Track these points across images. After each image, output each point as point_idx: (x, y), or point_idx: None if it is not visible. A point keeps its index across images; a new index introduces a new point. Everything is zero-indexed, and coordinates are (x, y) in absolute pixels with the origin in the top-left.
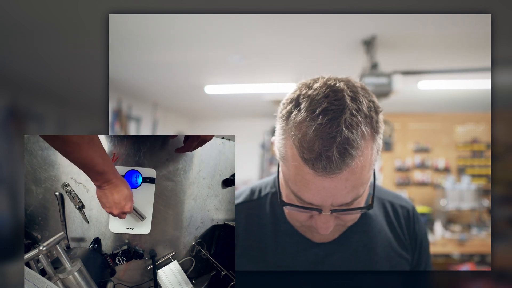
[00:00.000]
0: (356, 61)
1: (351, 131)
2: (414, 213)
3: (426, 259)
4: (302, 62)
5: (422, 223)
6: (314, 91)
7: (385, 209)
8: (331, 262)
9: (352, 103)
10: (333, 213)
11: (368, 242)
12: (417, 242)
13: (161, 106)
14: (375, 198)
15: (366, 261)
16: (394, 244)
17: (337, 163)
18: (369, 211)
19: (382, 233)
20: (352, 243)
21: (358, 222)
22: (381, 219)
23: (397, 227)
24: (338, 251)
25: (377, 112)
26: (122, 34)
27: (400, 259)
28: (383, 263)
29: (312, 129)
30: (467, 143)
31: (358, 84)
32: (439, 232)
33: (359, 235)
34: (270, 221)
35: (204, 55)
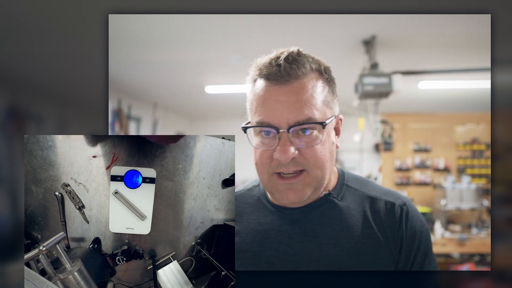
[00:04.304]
0: (356, 61)
1: (297, 57)
2: (403, 210)
3: (422, 259)
4: None
5: (417, 220)
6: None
7: (362, 204)
8: (294, 250)
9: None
10: (290, 132)
11: (334, 236)
12: (404, 240)
13: (161, 106)
14: (355, 192)
15: (330, 254)
16: (367, 241)
17: (286, 69)
18: (341, 204)
19: (354, 228)
20: (318, 235)
21: (326, 214)
22: (355, 213)
23: (374, 224)
24: (303, 241)
25: (326, 71)
26: (122, 34)
27: (374, 257)
28: (350, 259)
29: (268, 60)
30: (467, 143)
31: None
32: (439, 232)
33: (325, 228)
34: (255, 203)
35: (204, 55)
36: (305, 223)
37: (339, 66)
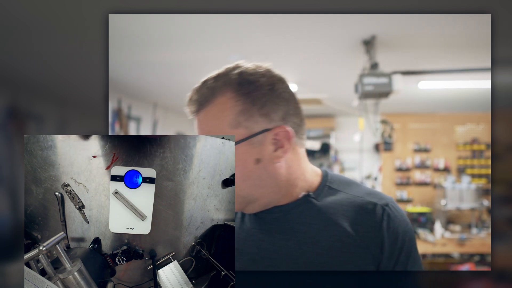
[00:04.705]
0: (356, 61)
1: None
2: (385, 210)
3: (405, 259)
4: (302, 62)
5: (400, 221)
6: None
7: (342, 204)
8: (275, 248)
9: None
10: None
11: (313, 235)
12: (386, 240)
13: (161, 106)
14: (336, 193)
15: (309, 253)
16: (346, 240)
17: (196, 102)
18: (319, 204)
19: (332, 227)
20: (298, 234)
21: (304, 214)
22: (334, 212)
23: (353, 223)
24: (282, 240)
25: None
26: (122, 34)
27: (352, 256)
28: (328, 258)
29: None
30: (467, 143)
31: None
32: (439, 232)
33: (304, 227)
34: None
35: (204, 55)
36: (285, 222)
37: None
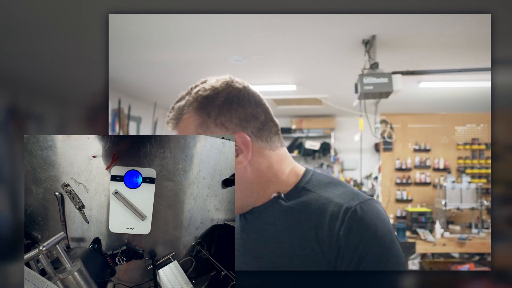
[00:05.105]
0: (356, 61)
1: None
2: (347, 212)
3: (370, 267)
4: (302, 62)
5: (366, 225)
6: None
7: (310, 207)
8: (248, 246)
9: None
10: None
11: (277, 236)
12: (341, 245)
13: (161, 106)
14: (309, 195)
15: (271, 253)
16: (304, 243)
17: (171, 121)
18: (286, 206)
19: (293, 229)
20: (265, 234)
21: (272, 215)
22: (298, 215)
23: (313, 226)
24: (254, 239)
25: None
26: (122, 34)
27: (307, 260)
28: (287, 259)
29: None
30: (467, 143)
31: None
32: (439, 232)
33: (270, 227)
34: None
35: (204, 55)
36: (259, 222)
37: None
